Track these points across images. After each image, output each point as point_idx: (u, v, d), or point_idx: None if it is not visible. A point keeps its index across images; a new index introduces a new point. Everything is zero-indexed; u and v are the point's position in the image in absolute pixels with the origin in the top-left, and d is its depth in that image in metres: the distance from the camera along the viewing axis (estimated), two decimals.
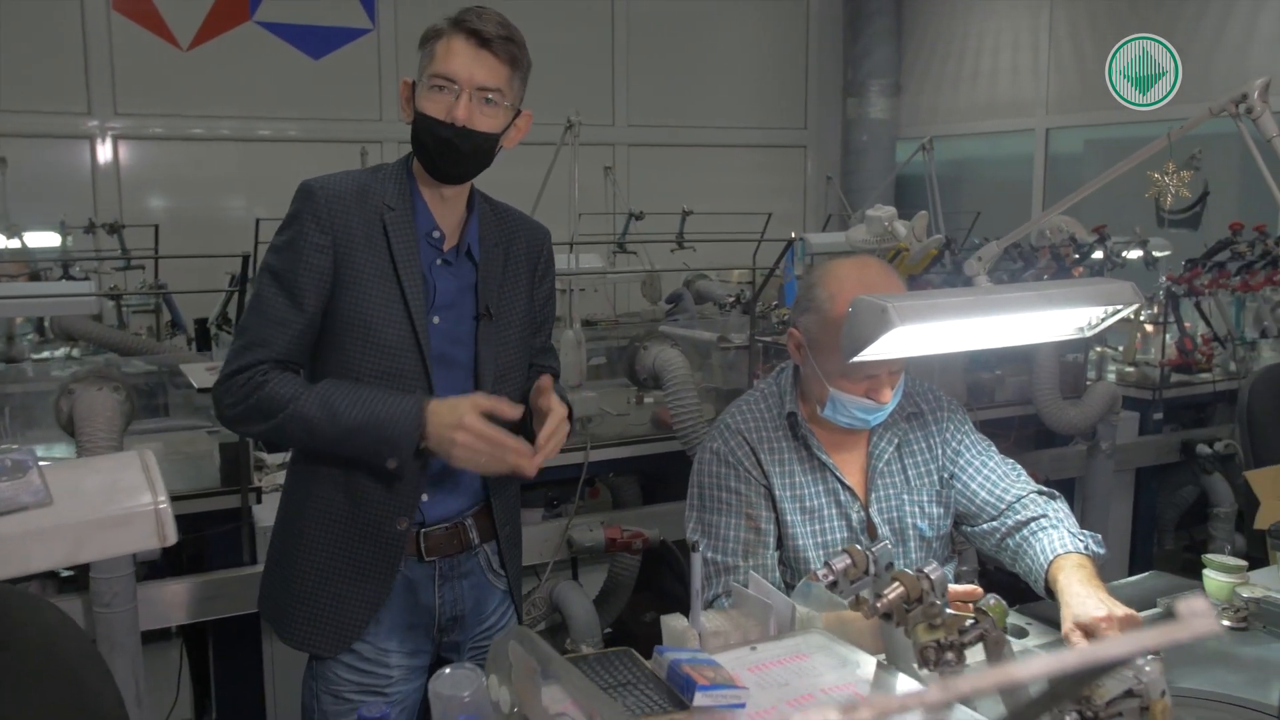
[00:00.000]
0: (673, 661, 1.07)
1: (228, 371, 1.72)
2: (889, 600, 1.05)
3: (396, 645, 1.84)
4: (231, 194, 6.87)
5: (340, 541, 1.78)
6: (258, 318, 1.73)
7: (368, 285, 1.72)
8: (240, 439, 2.80)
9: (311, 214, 1.71)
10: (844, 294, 1.87)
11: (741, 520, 1.91)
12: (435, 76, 1.71)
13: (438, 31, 1.72)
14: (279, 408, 1.68)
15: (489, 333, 1.83)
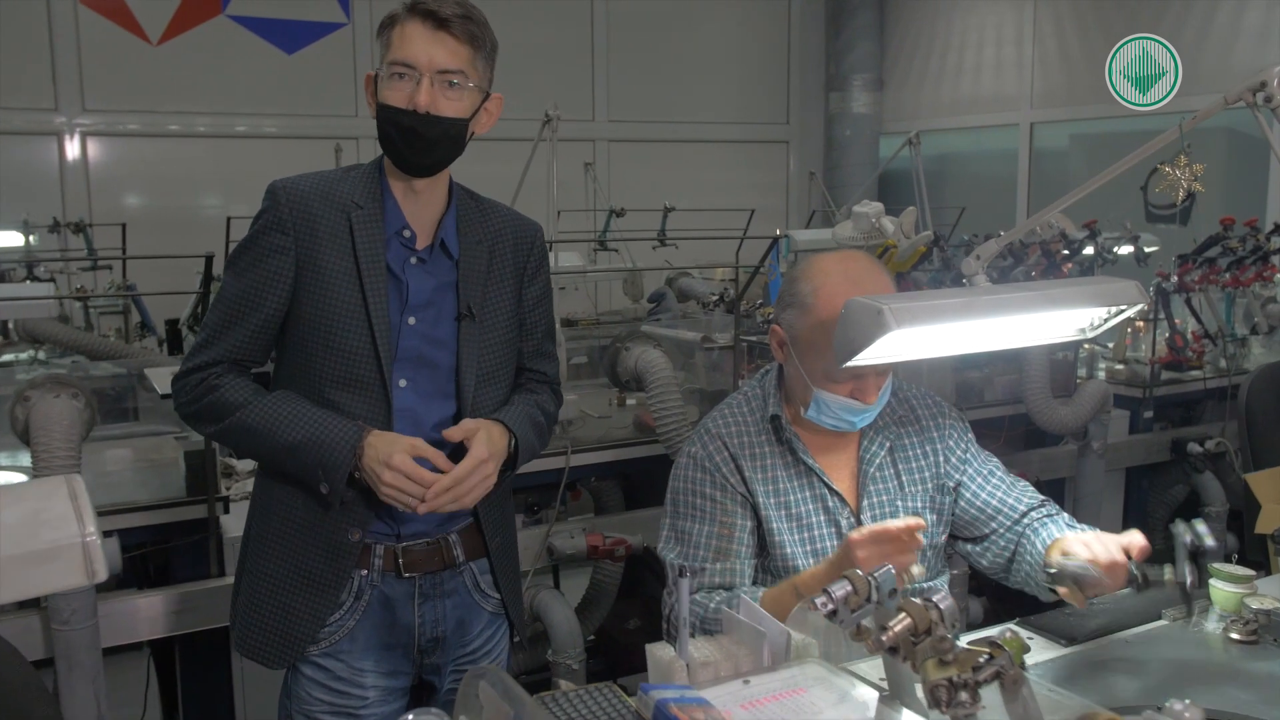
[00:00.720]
0: (659, 702, 0.98)
1: (184, 368, 1.71)
2: (895, 633, 0.96)
3: (372, 665, 1.76)
4: (204, 192, 6.74)
5: (294, 550, 1.73)
6: (216, 315, 1.71)
7: (330, 288, 1.68)
8: (206, 446, 2.70)
9: (273, 215, 1.68)
10: (827, 289, 1.80)
11: (714, 528, 1.83)
12: (394, 64, 1.65)
13: (394, 17, 1.67)
14: (226, 413, 1.68)
15: (471, 333, 1.76)
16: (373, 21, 6.72)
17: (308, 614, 1.72)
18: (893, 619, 0.99)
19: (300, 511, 1.72)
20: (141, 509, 2.74)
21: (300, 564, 1.72)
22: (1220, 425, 4.19)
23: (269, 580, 1.74)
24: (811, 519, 1.86)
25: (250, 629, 1.76)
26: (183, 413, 1.74)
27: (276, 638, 1.73)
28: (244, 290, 1.68)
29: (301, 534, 1.72)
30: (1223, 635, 1.84)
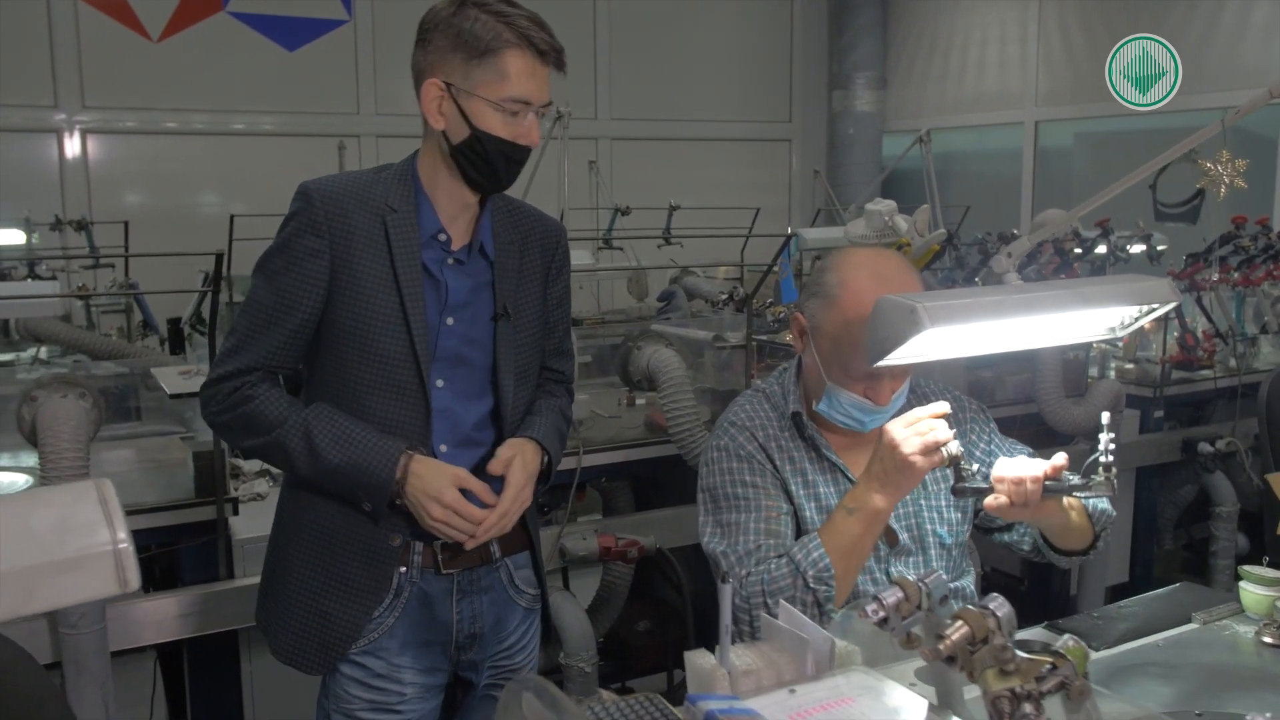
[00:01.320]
0: (709, 713, 0.95)
1: (215, 375, 1.67)
2: (953, 642, 0.93)
3: (410, 661, 1.76)
4: (205, 190, 6.69)
5: (330, 555, 1.72)
6: (247, 320, 1.67)
7: (366, 292, 1.65)
8: (215, 446, 2.66)
9: (307, 217, 1.64)
10: (854, 283, 1.78)
11: (760, 514, 1.79)
12: (510, 101, 1.62)
13: (503, 42, 1.61)
14: (264, 429, 1.65)
15: (506, 333, 1.76)
16: (374, 19, 6.76)
17: (346, 620, 1.71)
18: (948, 627, 0.96)
19: (336, 519, 1.71)
20: (148, 510, 2.71)
21: (337, 571, 1.71)
22: (1230, 425, 4.16)
23: (304, 588, 1.73)
24: None
25: (287, 636, 1.75)
26: (213, 422, 1.72)
27: (315, 644, 1.72)
28: (278, 295, 1.64)
29: (338, 541, 1.71)
30: (1255, 639, 1.82)
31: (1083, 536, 1.89)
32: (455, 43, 1.61)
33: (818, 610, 1.60)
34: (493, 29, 1.60)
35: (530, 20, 1.63)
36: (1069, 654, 0.91)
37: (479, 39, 1.60)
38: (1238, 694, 1.63)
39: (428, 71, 1.64)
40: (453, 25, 1.61)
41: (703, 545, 1.84)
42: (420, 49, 1.66)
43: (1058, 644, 0.99)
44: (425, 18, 1.66)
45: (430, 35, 1.64)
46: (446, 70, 1.62)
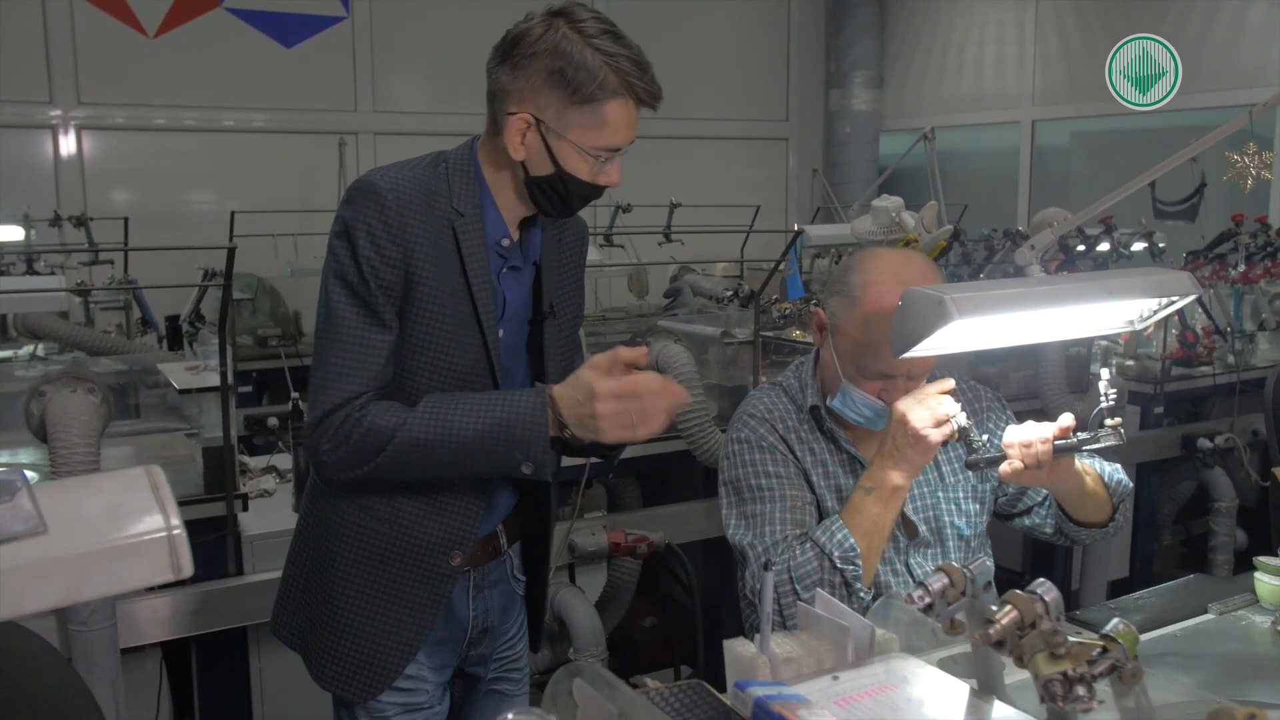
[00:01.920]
0: (758, 699, 0.95)
1: (320, 413, 1.52)
2: (1002, 626, 0.93)
3: (426, 658, 1.73)
4: (201, 187, 6.65)
5: (382, 578, 1.64)
6: (339, 344, 1.53)
7: (439, 303, 1.56)
8: (225, 442, 2.65)
9: (382, 222, 1.51)
10: (879, 284, 1.78)
11: (786, 504, 1.80)
12: (606, 150, 1.55)
13: (608, 91, 1.51)
14: (385, 440, 1.51)
15: (553, 331, 1.71)
16: (372, 16, 6.73)
17: (402, 642, 1.65)
18: (996, 612, 0.96)
19: (387, 536, 1.63)
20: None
21: (394, 594, 1.64)
22: (1229, 421, 4.19)
23: (356, 612, 1.65)
24: None
25: (336, 663, 1.67)
26: (328, 461, 1.54)
27: (364, 672, 1.66)
28: (368, 312, 1.52)
29: (389, 561, 1.63)
30: (1271, 629, 1.83)
31: (1101, 507, 1.92)
32: (555, 79, 1.49)
33: (846, 590, 1.61)
34: (599, 73, 1.49)
35: (635, 64, 1.52)
36: (1120, 637, 0.92)
37: (583, 82, 1.49)
38: (1257, 683, 1.64)
39: (514, 98, 1.53)
40: (555, 57, 1.49)
41: (728, 537, 1.84)
42: (508, 69, 1.53)
43: (1107, 627, 1.00)
44: (518, 34, 1.53)
45: (523, 60, 1.51)
46: (539, 104, 1.51)
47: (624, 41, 1.53)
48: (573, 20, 1.51)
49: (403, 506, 1.62)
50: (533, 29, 1.51)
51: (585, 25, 1.50)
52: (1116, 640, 0.91)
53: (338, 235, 1.55)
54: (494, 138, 1.58)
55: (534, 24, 1.52)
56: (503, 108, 1.54)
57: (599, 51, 1.49)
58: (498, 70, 1.55)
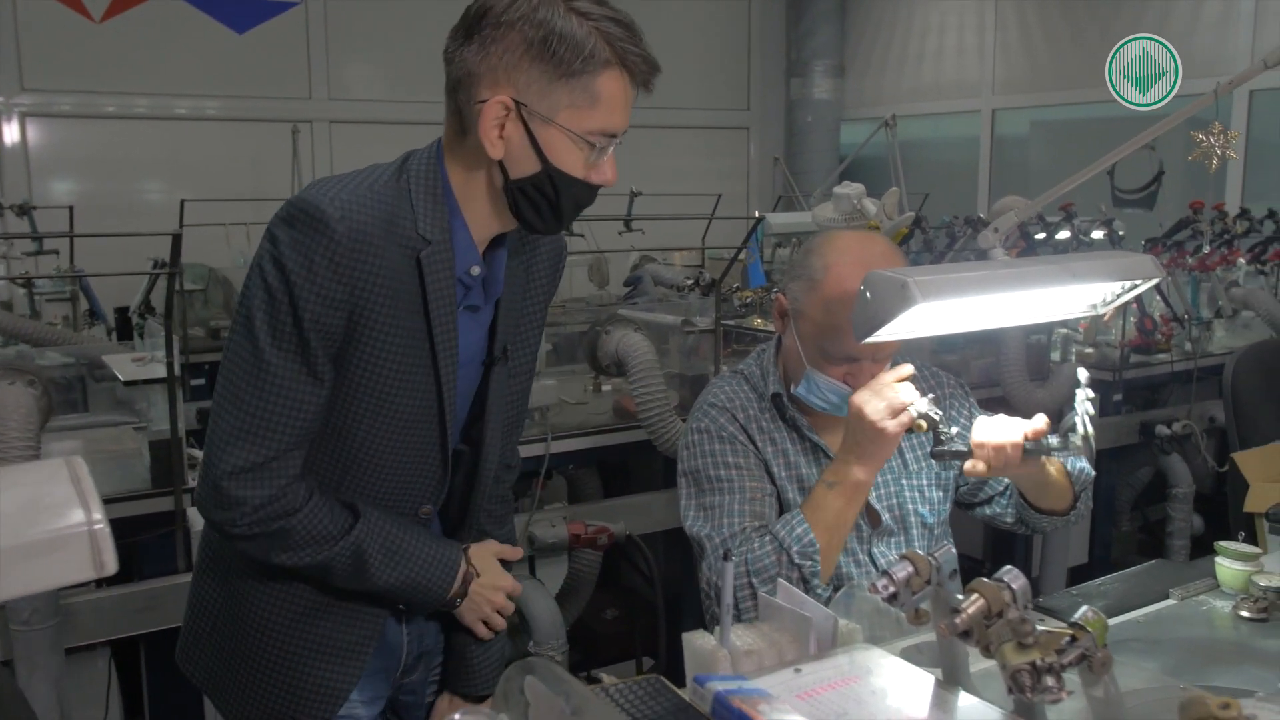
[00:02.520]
0: (718, 694, 0.91)
1: (233, 465, 1.30)
2: (969, 616, 0.90)
3: (356, 693, 1.55)
4: (151, 176, 6.51)
5: (304, 624, 1.48)
6: (260, 391, 1.30)
7: (389, 347, 1.34)
8: (173, 435, 2.57)
9: (328, 258, 1.26)
10: (840, 266, 1.75)
11: (745, 495, 1.77)
12: (598, 134, 1.33)
13: (599, 60, 1.29)
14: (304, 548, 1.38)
15: (500, 379, 1.51)
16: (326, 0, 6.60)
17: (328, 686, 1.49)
18: (962, 601, 0.93)
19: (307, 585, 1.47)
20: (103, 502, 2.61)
21: (317, 634, 1.48)
22: (1186, 408, 4.22)
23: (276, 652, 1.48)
24: None
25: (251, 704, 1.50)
26: (238, 533, 1.35)
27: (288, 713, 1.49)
28: (297, 359, 1.30)
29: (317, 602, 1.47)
30: (1232, 614, 1.83)
31: (1062, 495, 1.90)
32: (535, 51, 1.27)
33: (804, 587, 1.58)
34: (588, 40, 1.27)
35: (627, 29, 1.32)
36: (1089, 625, 0.89)
37: (569, 52, 1.27)
38: (1220, 667, 1.63)
39: (485, 80, 1.29)
40: (533, 26, 1.27)
41: (686, 529, 1.81)
42: (475, 48, 1.30)
43: (1076, 615, 0.98)
44: (484, 6, 1.30)
45: (494, 34, 1.28)
46: (518, 85, 1.28)
47: (608, 4, 1.32)
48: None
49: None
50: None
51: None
52: (1086, 629, 0.88)
53: (271, 261, 1.28)
54: (461, 137, 1.35)
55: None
56: (472, 95, 1.30)
57: (584, 16, 1.28)
58: (462, 51, 1.31)
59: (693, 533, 1.79)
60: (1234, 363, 2.91)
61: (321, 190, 1.29)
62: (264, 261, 1.29)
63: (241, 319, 1.32)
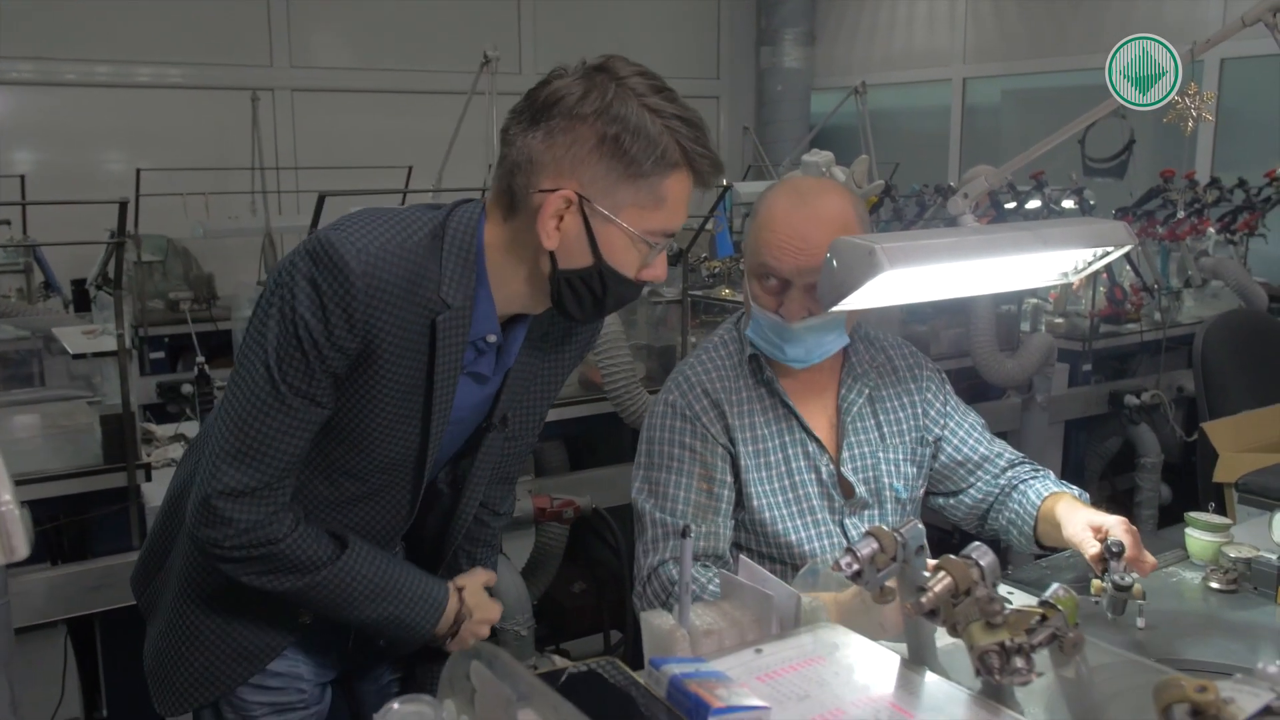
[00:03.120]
0: (674, 678, 0.87)
1: (226, 486, 1.31)
2: (936, 594, 0.87)
3: (302, 655, 1.56)
4: (108, 145, 6.35)
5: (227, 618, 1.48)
6: (263, 415, 1.30)
7: (386, 395, 1.33)
8: (124, 409, 2.51)
9: (342, 308, 1.24)
10: (773, 194, 1.76)
11: (693, 481, 1.74)
12: (660, 235, 1.31)
13: (669, 163, 1.27)
14: (287, 573, 1.37)
15: (495, 443, 1.49)
16: None
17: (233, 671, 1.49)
18: (929, 579, 0.89)
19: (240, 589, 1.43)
20: (54, 478, 2.55)
21: (229, 634, 1.48)
22: (1155, 377, 4.22)
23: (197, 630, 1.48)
24: (791, 464, 1.79)
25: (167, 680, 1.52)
26: (222, 556, 1.36)
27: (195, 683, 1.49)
28: (303, 393, 1.29)
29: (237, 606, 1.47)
30: (1201, 585, 1.81)
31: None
32: (608, 147, 1.24)
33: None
34: (660, 141, 1.25)
35: (695, 129, 1.28)
36: (1060, 604, 0.86)
37: (641, 152, 1.24)
38: (1191, 640, 1.62)
39: (550, 170, 1.26)
40: (608, 121, 1.24)
41: (632, 494, 1.79)
42: (541, 136, 1.27)
43: (1047, 593, 0.94)
44: (554, 95, 1.27)
45: (563, 121, 1.25)
46: (583, 179, 1.26)
47: (679, 101, 1.29)
48: (617, 77, 1.26)
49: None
50: (570, 88, 1.26)
51: (633, 82, 1.26)
52: (1057, 607, 0.85)
53: (289, 292, 1.26)
54: (509, 214, 1.32)
55: (571, 82, 1.26)
56: (532, 182, 1.27)
57: (656, 114, 1.25)
58: (526, 136, 1.27)
59: (635, 502, 1.78)
60: (1204, 332, 2.90)
61: (353, 236, 1.26)
62: (283, 290, 1.27)
63: (254, 339, 1.31)
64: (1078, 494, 1.83)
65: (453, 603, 1.47)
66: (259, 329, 1.30)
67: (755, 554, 1.81)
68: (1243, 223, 4.41)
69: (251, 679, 1.51)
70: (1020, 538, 1.83)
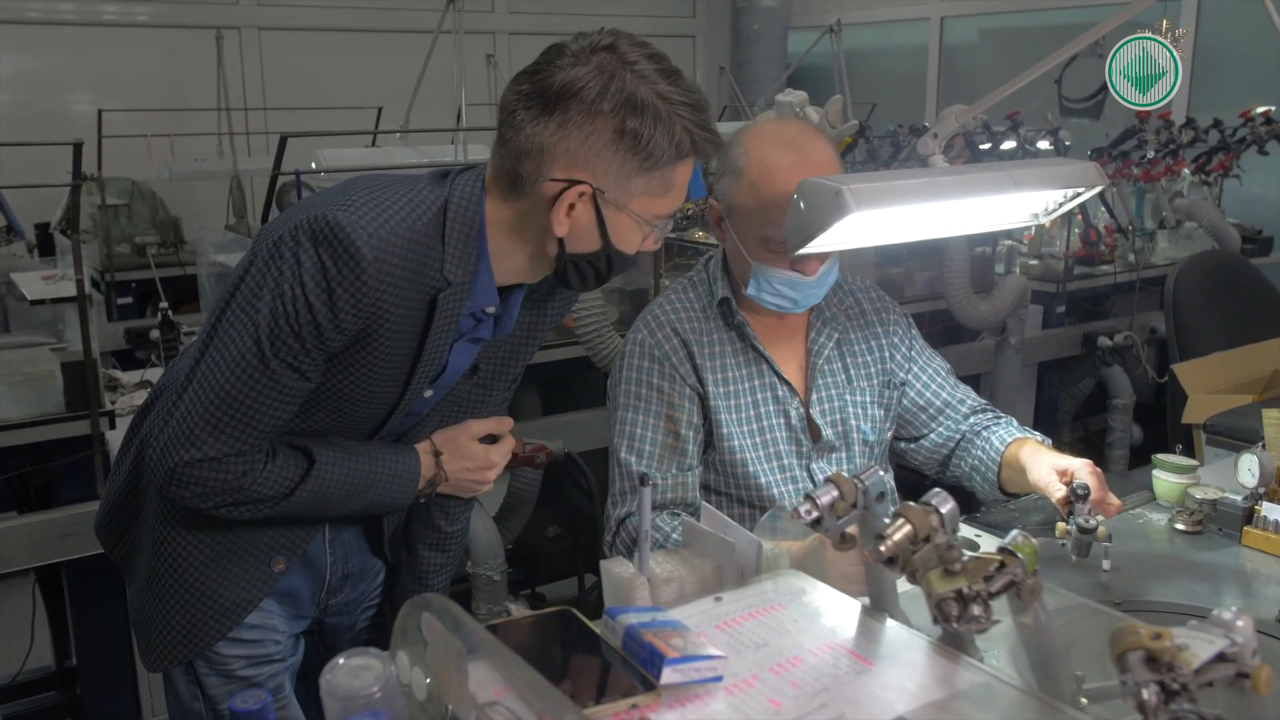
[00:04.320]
0: (629, 628, 0.86)
1: (196, 455, 1.29)
2: (894, 542, 0.86)
3: (277, 606, 1.55)
4: (73, 86, 6.19)
5: (202, 576, 1.47)
6: (248, 387, 1.28)
7: (378, 366, 1.34)
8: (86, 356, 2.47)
9: (350, 292, 1.23)
10: (759, 151, 1.70)
11: (661, 422, 1.73)
12: (665, 217, 1.34)
13: (682, 151, 1.28)
14: (263, 503, 1.37)
15: (463, 390, 1.50)
16: None
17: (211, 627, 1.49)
18: (888, 526, 0.88)
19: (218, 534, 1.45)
20: (16, 426, 2.51)
21: (205, 592, 1.46)
22: (1129, 319, 4.23)
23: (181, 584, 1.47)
24: (760, 409, 1.78)
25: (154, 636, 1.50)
26: (194, 506, 1.35)
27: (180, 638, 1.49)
28: (287, 375, 1.28)
29: (214, 556, 1.46)
30: (1168, 526, 1.82)
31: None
32: (626, 142, 1.25)
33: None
34: (675, 132, 1.26)
35: (700, 111, 1.30)
36: (1019, 550, 0.85)
37: (659, 146, 1.26)
38: (1155, 581, 1.62)
39: (563, 160, 1.26)
40: (627, 114, 1.24)
41: (612, 447, 1.77)
42: (554, 125, 1.25)
43: (1006, 540, 0.93)
44: (568, 85, 1.24)
45: (580, 115, 1.24)
46: (597, 170, 1.26)
47: (684, 82, 1.29)
48: (627, 61, 1.25)
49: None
50: (587, 80, 1.24)
51: (643, 68, 1.26)
52: (1015, 554, 0.84)
53: (292, 272, 1.24)
54: (512, 196, 1.31)
55: (585, 71, 1.24)
56: (542, 171, 1.27)
57: (667, 102, 1.25)
58: (536, 124, 1.25)
59: (611, 447, 1.77)
60: (1175, 274, 2.90)
61: (363, 219, 1.23)
62: (283, 264, 1.25)
63: (245, 309, 1.28)
64: (1041, 439, 1.82)
65: (425, 467, 1.48)
66: (250, 300, 1.27)
67: (725, 496, 1.81)
68: (1217, 163, 4.39)
69: (229, 633, 1.50)
70: (984, 484, 1.83)
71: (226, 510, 1.36)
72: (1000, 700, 0.85)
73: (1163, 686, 0.68)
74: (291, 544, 1.49)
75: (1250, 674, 0.69)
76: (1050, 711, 0.83)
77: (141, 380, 3.00)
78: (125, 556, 1.57)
